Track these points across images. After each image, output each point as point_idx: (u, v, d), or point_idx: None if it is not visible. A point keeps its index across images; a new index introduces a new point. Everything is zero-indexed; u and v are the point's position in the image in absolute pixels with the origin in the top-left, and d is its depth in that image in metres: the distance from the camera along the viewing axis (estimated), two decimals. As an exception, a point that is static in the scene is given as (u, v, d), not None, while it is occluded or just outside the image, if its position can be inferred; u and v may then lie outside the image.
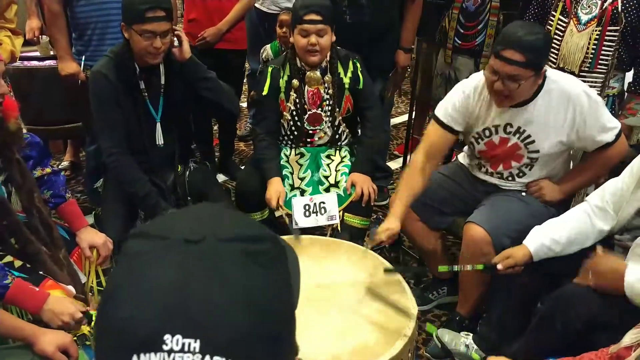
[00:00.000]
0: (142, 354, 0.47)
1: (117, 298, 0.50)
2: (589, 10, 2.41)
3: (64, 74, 2.70)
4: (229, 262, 0.51)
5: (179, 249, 0.51)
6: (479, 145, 2.23)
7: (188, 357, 0.46)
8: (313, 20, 2.30)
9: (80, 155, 3.78)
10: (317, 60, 2.39)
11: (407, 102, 4.94)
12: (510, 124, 2.12)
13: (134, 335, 0.47)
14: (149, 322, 0.47)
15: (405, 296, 1.79)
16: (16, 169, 1.72)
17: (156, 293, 0.49)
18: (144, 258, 0.52)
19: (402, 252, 2.90)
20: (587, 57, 2.43)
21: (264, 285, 0.52)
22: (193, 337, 0.47)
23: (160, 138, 2.33)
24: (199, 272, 0.50)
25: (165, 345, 0.46)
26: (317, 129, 2.54)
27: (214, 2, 3.13)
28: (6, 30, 2.74)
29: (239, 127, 4.21)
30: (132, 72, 2.21)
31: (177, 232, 0.53)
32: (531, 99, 2.06)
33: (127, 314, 0.48)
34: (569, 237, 1.89)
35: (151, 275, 0.50)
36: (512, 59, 1.89)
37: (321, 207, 2.38)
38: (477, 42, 2.94)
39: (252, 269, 0.52)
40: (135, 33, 2.10)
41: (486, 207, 2.19)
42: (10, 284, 1.57)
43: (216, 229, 0.53)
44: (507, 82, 1.93)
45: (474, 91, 2.16)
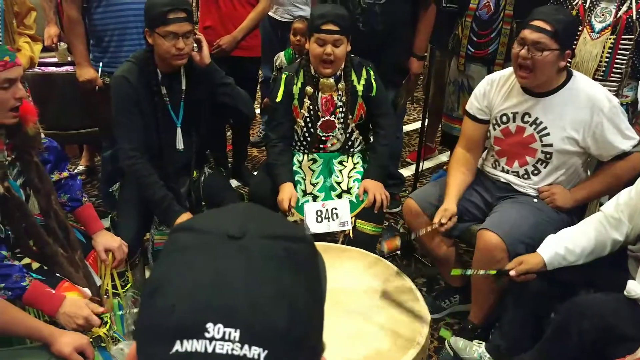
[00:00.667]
0: (185, 340, 0.49)
1: (162, 288, 0.52)
2: (603, 18, 2.42)
3: (81, 80, 2.74)
4: (270, 258, 0.53)
5: (223, 244, 0.53)
6: (495, 131, 2.28)
7: (228, 345, 0.48)
8: (330, 30, 2.32)
9: (95, 160, 3.82)
10: (330, 71, 2.41)
11: (420, 110, 4.95)
12: (529, 113, 2.17)
13: (177, 323, 0.49)
14: (193, 310, 0.49)
15: (418, 304, 1.79)
16: (35, 172, 1.75)
17: (200, 284, 0.51)
18: (190, 251, 0.54)
19: (415, 260, 2.90)
20: (600, 66, 2.43)
21: (301, 283, 0.54)
22: (233, 326, 0.49)
23: (181, 142, 2.35)
24: (242, 266, 0.52)
25: (207, 333, 0.48)
26: (330, 135, 2.55)
27: (229, 10, 3.17)
28: (25, 37, 2.79)
29: (252, 133, 4.23)
30: (154, 77, 2.24)
31: (219, 227, 0.55)
32: (553, 92, 2.12)
33: (171, 302, 0.50)
34: (584, 247, 1.89)
35: (196, 267, 0.52)
36: (540, 26, 2.01)
37: (333, 213, 2.38)
38: (490, 50, 2.94)
39: (290, 267, 0.54)
40: (159, 36, 2.14)
41: (500, 214, 2.20)
42: (28, 286, 1.59)
43: (256, 227, 0.55)
44: (532, 49, 2.02)
45: (499, 78, 2.27)
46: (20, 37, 2.74)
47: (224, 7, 3.17)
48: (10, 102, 1.63)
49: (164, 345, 0.49)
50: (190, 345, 0.48)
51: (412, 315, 1.73)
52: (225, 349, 0.48)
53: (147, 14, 2.19)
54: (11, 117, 1.65)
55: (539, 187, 2.24)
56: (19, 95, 1.64)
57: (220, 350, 0.48)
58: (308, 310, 0.53)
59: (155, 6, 2.13)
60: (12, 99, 1.63)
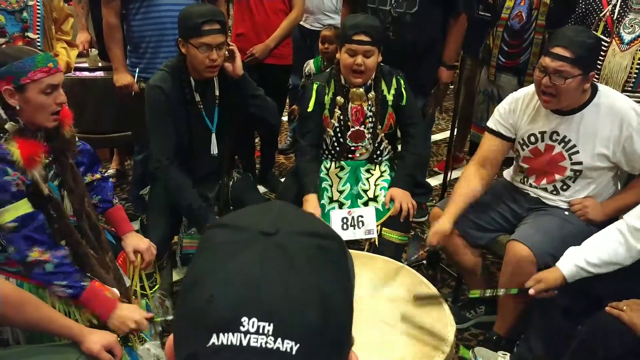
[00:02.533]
0: (222, 333, 0.51)
1: (200, 283, 0.55)
2: (632, 29, 2.38)
3: (118, 85, 2.79)
4: (304, 254, 0.55)
5: (258, 240, 0.55)
6: (524, 152, 2.24)
7: (262, 338, 0.50)
8: (362, 40, 2.31)
9: (125, 164, 3.90)
10: (360, 82, 2.41)
11: (448, 119, 4.93)
12: (557, 131, 2.14)
13: (214, 317, 0.52)
14: (229, 305, 0.52)
15: (444, 313, 1.78)
16: (70, 174, 1.80)
17: (236, 279, 0.53)
18: (226, 248, 0.56)
19: (440, 269, 2.88)
20: (630, 77, 2.39)
21: (334, 279, 0.56)
22: (267, 321, 0.51)
23: (215, 148, 2.39)
24: (277, 262, 0.54)
25: (242, 327, 0.51)
26: (359, 145, 2.56)
27: (262, 18, 3.21)
28: (63, 42, 2.87)
29: (280, 140, 4.26)
30: (188, 85, 2.28)
31: (254, 224, 0.57)
32: (580, 109, 2.08)
33: (209, 297, 0.53)
34: (603, 259, 1.85)
35: (233, 263, 0.54)
36: (560, 54, 1.95)
37: (359, 220, 2.38)
38: (522, 60, 2.91)
39: (324, 264, 0.56)
40: (193, 47, 2.17)
41: (529, 225, 2.17)
42: (87, 286, 1.65)
43: (289, 224, 0.58)
44: (554, 77, 1.97)
45: (523, 97, 2.23)
46: (58, 43, 2.83)
47: (258, 16, 3.21)
48: (52, 106, 1.68)
49: (201, 338, 0.52)
50: (226, 339, 0.51)
51: (435, 329, 1.72)
52: (259, 342, 0.50)
53: (182, 24, 2.22)
54: (52, 121, 1.71)
55: (570, 201, 2.21)
56: (60, 100, 1.69)
57: (254, 343, 0.50)
58: (340, 305, 0.56)
59: (190, 17, 2.16)
60: (54, 104, 1.68)
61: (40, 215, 1.64)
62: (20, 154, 1.60)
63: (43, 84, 1.64)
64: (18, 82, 1.61)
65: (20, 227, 1.59)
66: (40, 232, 1.62)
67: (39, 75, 1.63)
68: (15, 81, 1.61)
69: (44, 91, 1.65)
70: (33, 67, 1.62)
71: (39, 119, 1.67)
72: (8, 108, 1.64)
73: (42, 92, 1.64)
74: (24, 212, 1.59)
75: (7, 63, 1.60)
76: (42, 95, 1.65)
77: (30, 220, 1.61)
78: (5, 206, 1.57)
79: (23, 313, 1.47)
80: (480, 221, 2.32)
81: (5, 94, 1.61)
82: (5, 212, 1.57)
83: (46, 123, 1.69)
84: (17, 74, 1.61)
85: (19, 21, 2.57)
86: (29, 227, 1.60)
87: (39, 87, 1.64)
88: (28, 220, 1.60)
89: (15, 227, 1.58)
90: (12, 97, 1.62)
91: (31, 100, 1.64)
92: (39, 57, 1.65)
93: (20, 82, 1.61)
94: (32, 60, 1.62)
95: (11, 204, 1.57)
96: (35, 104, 1.64)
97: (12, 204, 1.57)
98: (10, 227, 1.58)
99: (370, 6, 2.81)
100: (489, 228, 2.32)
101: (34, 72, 1.62)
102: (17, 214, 1.58)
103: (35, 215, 1.62)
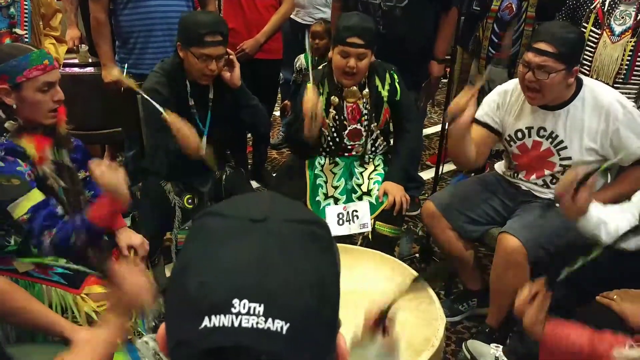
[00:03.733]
0: (213, 315, 0.52)
1: (192, 268, 0.56)
2: (622, 21, 2.39)
3: (107, 80, 2.78)
4: (294, 240, 0.57)
5: (249, 227, 0.57)
6: (512, 148, 2.25)
7: (253, 319, 0.52)
8: (355, 43, 2.27)
9: (117, 159, 3.88)
10: (351, 83, 2.40)
11: (440, 113, 4.93)
12: (544, 127, 2.14)
13: (206, 300, 0.53)
14: (221, 288, 0.53)
15: (434, 307, 1.78)
16: (66, 172, 1.79)
17: (228, 264, 0.54)
18: (217, 235, 0.57)
19: (433, 262, 2.89)
20: (621, 69, 2.40)
21: (323, 265, 0.58)
22: (257, 301, 0.52)
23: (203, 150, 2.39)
24: (267, 246, 0.55)
25: (234, 309, 0.52)
26: (356, 143, 2.55)
27: (252, 13, 3.19)
28: (51, 38, 2.85)
29: (272, 135, 4.26)
30: (183, 88, 2.27)
31: (243, 212, 0.59)
32: (565, 104, 2.07)
33: (200, 281, 0.54)
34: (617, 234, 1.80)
35: (223, 249, 0.56)
36: (543, 49, 1.95)
37: (354, 215, 2.38)
38: (512, 52, 2.92)
39: (313, 250, 0.58)
40: (192, 55, 2.16)
41: (521, 218, 2.18)
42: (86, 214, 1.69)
43: (278, 211, 0.59)
44: (537, 72, 1.97)
45: (510, 91, 2.22)
46: (46, 39, 2.80)
47: (248, 11, 3.20)
48: (50, 104, 1.67)
49: (193, 322, 0.53)
50: (218, 321, 0.52)
51: (426, 317, 1.72)
52: (250, 322, 0.51)
53: (184, 31, 2.21)
54: (50, 118, 1.70)
55: (560, 193, 2.22)
56: (57, 97, 1.69)
57: (245, 324, 0.51)
58: (332, 289, 0.57)
59: (194, 26, 2.15)
60: (51, 101, 1.67)
61: (51, 201, 1.65)
62: (35, 148, 1.61)
63: (39, 82, 1.63)
64: (14, 80, 1.59)
65: (33, 217, 1.60)
66: (50, 218, 1.64)
67: (34, 73, 1.61)
68: (10, 80, 1.59)
69: (41, 89, 1.63)
70: (28, 65, 1.61)
71: (36, 117, 1.66)
72: (5, 107, 1.62)
73: (39, 90, 1.63)
74: (35, 202, 1.61)
75: (2, 62, 1.59)
76: (39, 93, 1.63)
77: (43, 207, 1.62)
78: (18, 199, 1.57)
79: (10, 303, 1.46)
80: (473, 214, 2.32)
81: (1, 93, 1.60)
82: (18, 205, 1.58)
83: (44, 120, 1.68)
84: (12, 73, 1.59)
85: (6, 17, 2.55)
86: (42, 215, 1.61)
87: (35, 85, 1.62)
88: (40, 209, 1.61)
89: (28, 218, 1.59)
90: (8, 96, 1.60)
91: (27, 99, 1.62)
92: (34, 54, 1.63)
93: (16, 80, 1.59)
94: (27, 58, 1.61)
95: (23, 195, 1.58)
96: (32, 102, 1.63)
97: (24, 195, 1.58)
98: (25, 218, 1.59)
99: (360, 0, 2.80)
100: (482, 221, 2.33)
101: (29, 70, 1.61)
102: (29, 204, 1.59)
103: (46, 202, 1.63)
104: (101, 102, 3.06)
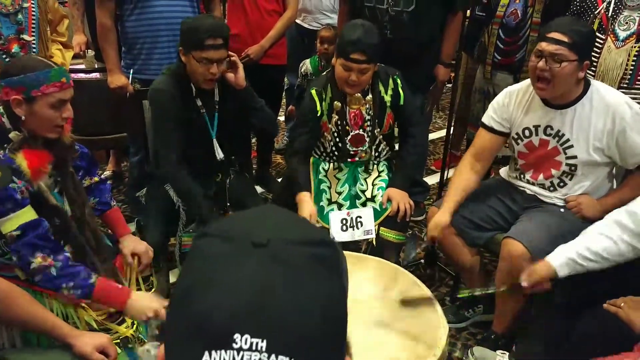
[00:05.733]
0: (214, 350, 0.50)
1: (192, 296, 0.53)
2: (627, 26, 2.38)
3: (113, 86, 2.79)
4: (299, 264, 0.54)
5: (251, 252, 0.54)
6: (519, 146, 2.25)
7: (255, 355, 0.50)
8: (358, 59, 2.25)
9: (122, 165, 3.89)
10: (353, 92, 2.39)
11: (445, 117, 4.92)
12: (551, 126, 2.14)
13: (206, 333, 0.51)
14: (222, 320, 0.51)
15: (437, 315, 1.77)
16: (70, 182, 1.79)
17: (228, 293, 0.52)
18: (218, 260, 0.55)
19: (438, 269, 2.88)
20: (626, 74, 2.40)
21: (331, 289, 0.55)
22: (260, 337, 0.50)
23: (220, 152, 2.41)
24: (271, 275, 0.53)
25: (235, 344, 0.50)
26: (359, 150, 2.54)
27: (256, 18, 3.21)
28: (58, 44, 2.86)
29: (277, 140, 4.26)
30: (189, 91, 2.28)
31: (244, 234, 0.56)
32: (573, 103, 2.09)
33: (201, 310, 0.52)
34: (597, 252, 1.82)
35: (225, 277, 0.53)
36: (557, 38, 1.98)
37: (358, 221, 2.38)
38: (517, 58, 2.92)
39: (320, 273, 0.55)
40: (194, 59, 2.18)
41: (525, 223, 2.18)
42: (96, 283, 1.65)
43: (281, 232, 0.57)
44: (550, 61, 1.99)
45: (517, 91, 2.24)
46: (53, 44, 2.82)
47: (252, 16, 3.21)
48: (58, 120, 1.67)
49: (192, 354, 0.51)
50: (218, 356, 0.50)
51: (429, 325, 1.71)
52: (252, 359, 0.49)
53: (185, 35, 2.22)
54: (54, 133, 1.70)
55: (565, 198, 2.21)
56: (66, 115, 1.69)
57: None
58: (339, 312, 0.55)
59: (195, 30, 2.16)
60: (60, 118, 1.67)
61: (44, 222, 1.63)
62: (28, 165, 1.59)
63: (54, 99, 1.63)
64: (29, 93, 1.60)
65: (23, 235, 1.58)
66: (44, 239, 1.61)
67: (51, 90, 1.62)
68: (26, 92, 1.60)
69: (53, 105, 1.64)
70: (47, 80, 1.61)
71: (42, 131, 1.67)
72: (13, 117, 1.63)
73: (51, 106, 1.63)
74: (27, 220, 1.58)
75: (21, 73, 1.60)
76: (50, 109, 1.64)
77: (34, 227, 1.59)
78: (8, 215, 1.56)
79: (13, 307, 1.46)
80: (477, 220, 2.32)
81: (14, 103, 1.60)
82: (8, 220, 1.56)
83: (48, 134, 1.69)
84: (30, 86, 1.60)
85: (14, 23, 2.56)
86: (32, 234, 1.59)
87: (49, 101, 1.63)
88: (31, 228, 1.59)
89: (18, 235, 1.57)
90: (19, 107, 1.61)
91: (38, 113, 1.63)
92: (54, 70, 1.64)
93: (31, 94, 1.60)
94: (47, 74, 1.62)
95: (14, 212, 1.56)
96: (41, 116, 1.63)
97: (15, 212, 1.56)
98: (14, 235, 1.57)
99: (367, 5, 2.80)
100: (487, 227, 2.32)
101: (46, 86, 1.61)
102: (19, 222, 1.57)
103: (38, 222, 1.61)
104: (107, 108, 3.07)
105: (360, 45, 2.23)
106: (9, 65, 1.67)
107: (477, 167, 2.31)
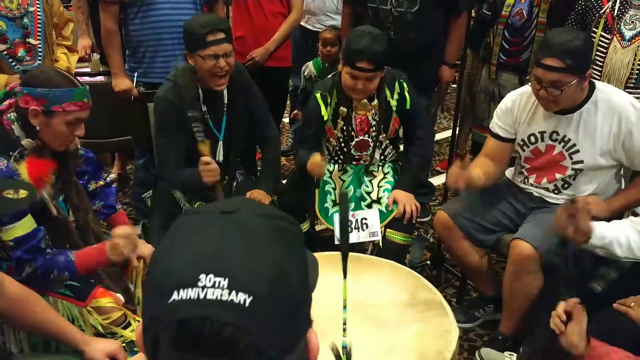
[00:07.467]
0: (182, 289, 0.55)
1: (162, 259, 0.60)
2: (632, 26, 2.37)
3: (117, 89, 2.80)
4: (260, 230, 0.61)
5: (217, 217, 0.62)
6: (525, 152, 2.24)
7: (217, 291, 0.55)
8: (364, 68, 2.23)
9: (127, 168, 3.89)
10: (360, 98, 2.37)
11: (450, 118, 4.91)
12: (557, 131, 2.13)
13: (175, 277, 0.56)
14: (189, 266, 0.57)
15: (447, 319, 1.75)
16: (74, 191, 1.81)
17: (196, 247, 0.59)
18: (188, 227, 0.62)
19: (444, 270, 2.87)
20: (632, 73, 2.38)
21: (288, 257, 0.60)
22: (222, 276, 0.55)
23: (221, 155, 2.40)
24: (233, 233, 0.60)
25: (200, 282, 0.55)
26: (364, 154, 2.53)
27: (260, 21, 3.21)
28: (63, 48, 2.87)
29: (281, 142, 4.25)
30: (195, 96, 2.27)
31: (214, 207, 0.64)
32: (578, 107, 2.07)
33: (169, 265, 0.58)
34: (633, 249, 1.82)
35: (193, 236, 0.60)
36: (552, 65, 1.92)
37: (363, 223, 2.37)
38: (523, 58, 2.90)
39: (278, 240, 0.61)
40: (200, 58, 2.17)
41: (532, 224, 2.16)
42: (74, 258, 1.69)
43: (250, 206, 0.65)
44: (550, 89, 1.96)
45: (520, 97, 2.22)
46: (58, 48, 2.83)
47: (256, 18, 3.21)
48: (69, 136, 1.70)
49: (162, 299, 0.56)
50: (185, 294, 0.55)
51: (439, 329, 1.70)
52: (215, 294, 0.54)
53: (186, 37, 2.22)
54: (62, 147, 1.72)
55: (574, 198, 2.20)
56: (78, 133, 1.72)
57: (210, 296, 0.54)
58: (293, 281, 0.59)
59: (194, 29, 2.16)
60: (71, 135, 1.70)
61: (39, 233, 1.65)
62: (29, 175, 1.60)
63: (71, 117, 1.66)
64: (50, 107, 1.62)
65: (16, 247, 1.60)
66: (31, 252, 1.63)
67: (72, 108, 1.65)
68: (47, 105, 1.62)
69: (69, 122, 1.66)
70: (69, 99, 1.64)
71: (51, 143, 1.69)
72: (28, 126, 1.65)
73: (67, 123, 1.66)
74: (24, 232, 1.61)
75: (46, 86, 1.62)
76: (65, 125, 1.66)
77: (26, 240, 1.61)
78: (8, 225, 1.58)
79: (29, 313, 1.47)
80: (485, 222, 2.30)
81: (31, 113, 1.62)
82: (7, 230, 1.58)
83: (57, 147, 1.71)
84: (52, 100, 1.62)
85: (20, 27, 2.57)
86: (22, 249, 1.61)
87: (66, 118, 1.65)
88: (24, 241, 1.61)
89: (12, 247, 1.60)
90: (36, 118, 1.63)
91: (53, 127, 1.65)
92: (78, 90, 1.66)
93: (52, 108, 1.62)
94: (71, 92, 1.64)
95: (12, 224, 1.58)
96: (55, 131, 1.66)
97: (13, 224, 1.58)
98: (9, 245, 1.60)
99: (370, 5, 2.80)
100: (494, 229, 2.31)
101: (68, 104, 1.64)
102: (15, 234, 1.59)
103: (33, 234, 1.63)
104: (112, 111, 3.08)
105: (366, 54, 2.20)
106: (34, 75, 1.68)
107: (491, 165, 2.29)
